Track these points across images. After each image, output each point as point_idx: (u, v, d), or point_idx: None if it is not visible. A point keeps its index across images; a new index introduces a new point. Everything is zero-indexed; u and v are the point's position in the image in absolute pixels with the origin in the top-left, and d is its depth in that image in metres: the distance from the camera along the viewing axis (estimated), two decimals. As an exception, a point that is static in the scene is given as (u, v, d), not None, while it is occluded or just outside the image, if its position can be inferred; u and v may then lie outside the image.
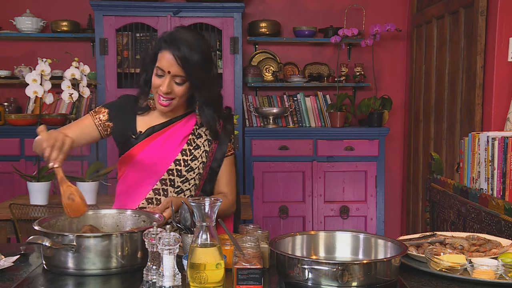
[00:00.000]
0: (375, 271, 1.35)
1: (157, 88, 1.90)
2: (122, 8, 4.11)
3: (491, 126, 3.03)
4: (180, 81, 1.88)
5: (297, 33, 4.44)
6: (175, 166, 1.98)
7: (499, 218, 2.00)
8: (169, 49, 1.86)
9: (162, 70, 1.87)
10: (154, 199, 1.98)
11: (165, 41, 1.88)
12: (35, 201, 2.95)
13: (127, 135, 1.99)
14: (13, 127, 4.15)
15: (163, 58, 1.87)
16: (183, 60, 1.85)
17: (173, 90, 1.89)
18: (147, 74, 1.96)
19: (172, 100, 1.91)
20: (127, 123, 2.00)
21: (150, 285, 1.39)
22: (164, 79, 1.88)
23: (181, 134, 2.01)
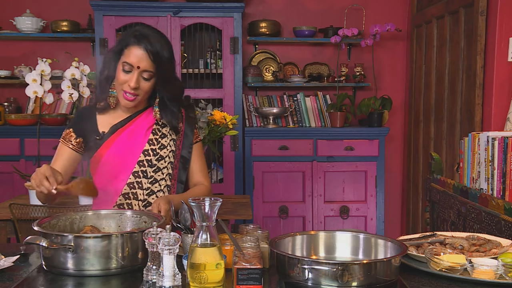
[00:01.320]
0: (375, 271, 1.35)
1: (123, 84, 1.91)
2: (122, 8, 4.11)
3: (491, 126, 3.03)
4: (148, 76, 1.91)
5: (297, 33, 4.44)
6: (144, 157, 1.99)
7: (499, 218, 1.99)
8: (140, 45, 1.89)
9: (131, 65, 1.89)
10: (130, 193, 1.99)
11: (135, 36, 1.90)
12: (35, 201, 2.95)
13: (90, 139, 2.01)
14: (13, 127, 4.16)
15: (132, 54, 1.89)
16: (155, 55, 1.89)
17: (140, 86, 1.91)
18: (109, 71, 1.96)
19: (137, 96, 1.93)
20: (89, 128, 2.02)
21: (150, 285, 1.39)
22: (132, 74, 1.90)
23: (145, 126, 2.02)
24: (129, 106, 1.97)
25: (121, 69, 1.91)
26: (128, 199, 1.98)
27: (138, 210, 1.91)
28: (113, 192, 1.99)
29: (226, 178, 4.25)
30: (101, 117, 2.03)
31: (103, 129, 2.01)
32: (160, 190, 2.02)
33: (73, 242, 1.48)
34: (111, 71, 1.95)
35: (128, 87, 1.91)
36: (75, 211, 1.93)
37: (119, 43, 1.95)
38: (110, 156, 1.98)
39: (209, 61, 4.39)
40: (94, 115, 2.03)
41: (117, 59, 1.93)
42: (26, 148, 4.11)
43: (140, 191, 1.99)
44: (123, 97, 1.94)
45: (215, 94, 4.25)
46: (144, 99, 1.98)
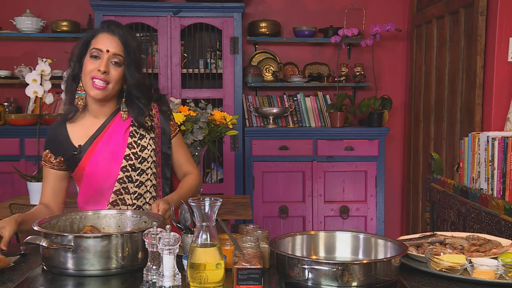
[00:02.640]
0: (375, 271, 1.35)
1: (92, 71, 1.86)
2: (122, 8, 4.11)
3: (491, 126, 3.03)
4: (118, 60, 1.87)
5: (297, 33, 4.44)
6: (126, 162, 1.95)
7: (499, 218, 1.99)
8: (108, 31, 1.89)
9: (99, 50, 1.86)
10: (118, 200, 1.96)
11: (103, 26, 1.91)
12: (35, 201, 2.95)
13: (69, 154, 1.96)
14: (13, 127, 4.16)
15: (101, 40, 1.87)
16: (124, 40, 1.88)
17: (110, 72, 1.87)
18: (74, 69, 1.92)
19: (107, 84, 1.87)
20: (64, 145, 1.97)
21: (150, 285, 1.39)
22: (101, 60, 1.86)
23: (121, 130, 1.97)
24: (98, 97, 1.88)
25: (89, 58, 1.87)
26: (116, 206, 1.96)
27: (138, 210, 1.91)
28: (101, 201, 1.96)
29: (226, 178, 4.25)
30: (73, 129, 1.98)
31: (79, 142, 1.96)
32: (147, 191, 1.99)
33: (73, 242, 1.48)
34: (76, 69, 1.91)
35: (97, 72, 1.85)
36: (75, 211, 1.93)
37: (84, 38, 1.92)
38: (92, 168, 1.94)
39: (209, 61, 4.39)
40: (65, 130, 1.97)
41: (83, 54, 1.89)
42: (26, 148, 4.11)
43: (127, 196, 1.96)
44: (92, 87, 1.86)
45: (215, 94, 4.25)
46: (113, 91, 1.91)
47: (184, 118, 2.83)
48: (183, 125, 2.83)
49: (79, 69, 1.91)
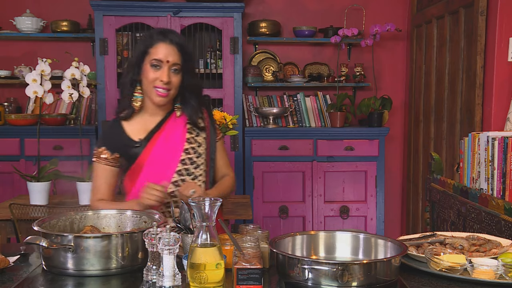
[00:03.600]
0: (375, 271, 1.36)
1: (155, 81, 1.96)
2: (122, 8, 4.11)
3: (491, 126, 3.03)
4: (177, 68, 1.98)
5: (297, 33, 4.44)
6: (186, 155, 2.06)
7: (499, 218, 1.99)
8: (166, 40, 1.97)
9: (160, 61, 1.95)
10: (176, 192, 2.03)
11: (159, 34, 1.99)
12: (35, 201, 2.95)
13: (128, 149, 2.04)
14: (13, 127, 4.16)
15: (160, 50, 1.96)
16: (181, 48, 1.98)
17: (171, 81, 1.97)
18: (134, 74, 2.01)
19: (169, 91, 1.98)
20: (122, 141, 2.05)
21: (150, 285, 1.39)
22: (162, 70, 1.96)
23: (180, 126, 2.08)
24: (162, 103, 2.00)
25: (150, 68, 1.97)
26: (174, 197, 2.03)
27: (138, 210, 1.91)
28: None
29: (226, 178, 4.25)
30: (129, 126, 2.06)
31: (139, 137, 2.04)
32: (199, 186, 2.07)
33: (73, 242, 1.48)
34: (135, 74, 2.01)
35: (160, 83, 1.95)
36: (75, 211, 1.93)
37: (142, 45, 2.00)
38: (153, 160, 2.03)
39: (209, 61, 4.39)
40: (121, 128, 2.06)
41: (142, 61, 1.99)
42: (26, 148, 4.11)
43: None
44: (156, 95, 1.98)
45: (215, 94, 4.24)
46: (174, 95, 2.02)
47: (184, 118, 2.82)
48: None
49: (138, 74, 2.01)
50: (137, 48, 2.03)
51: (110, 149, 2.04)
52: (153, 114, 2.06)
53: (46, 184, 2.99)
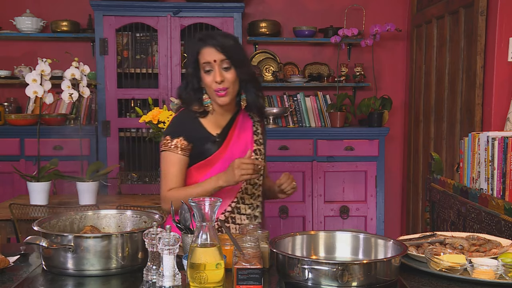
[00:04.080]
0: (375, 271, 1.35)
1: (212, 83, 2.00)
2: (122, 8, 4.11)
3: (491, 126, 3.03)
4: (226, 65, 2.00)
5: (297, 33, 4.44)
6: (255, 155, 2.13)
7: (499, 218, 1.99)
8: (207, 44, 2.01)
9: (209, 63, 1.99)
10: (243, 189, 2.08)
11: (200, 40, 2.03)
12: (35, 201, 2.95)
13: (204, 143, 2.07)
14: (13, 127, 4.16)
15: (205, 54, 2.00)
16: (221, 46, 2.00)
17: (225, 78, 1.99)
18: (194, 84, 2.06)
19: (227, 89, 2.01)
20: (199, 133, 2.07)
21: (150, 285, 1.39)
22: (213, 71, 2.00)
23: (248, 127, 2.15)
24: (225, 103, 2.03)
25: (204, 72, 2.01)
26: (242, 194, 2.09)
27: (138, 210, 1.92)
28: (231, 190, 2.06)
29: (226, 178, 4.25)
30: (205, 121, 2.09)
31: (216, 131, 2.08)
32: (260, 185, 2.15)
33: (73, 242, 1.48)
34: (196, 84, 2.05)
35: (216, 84, 1.99)
36: (75, 211, 1.93)
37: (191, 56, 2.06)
38: (228, 157, 2.06)
39: (209, 61, 4.38)
40: (198, 121, 2.08)
41: (197, 69, 2.04)
42: (26, 148, 4.11)
43: (249, 187, 2.11)
44: (217, 97, 2.01)
45: (215, 94, 4.24)
46: (234, 92, 2.04)
47: (184, 118, 2.82)
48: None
49: (198, 83, 2.05)
50: (189, 59, 2.09)
51: (188, 139, 2.05)
52: (223, 113, 2.10)
53: (46, 184, 2.99)
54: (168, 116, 2.88)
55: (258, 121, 2.20)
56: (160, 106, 3.97)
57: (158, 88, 4.21)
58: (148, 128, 3.75)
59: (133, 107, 4.31)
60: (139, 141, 4.31)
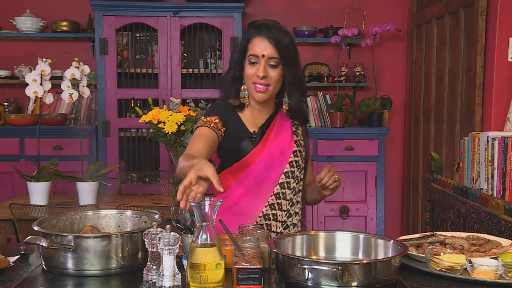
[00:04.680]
0: (375, 271, 1.35)
1: (253, 76, 1.91)
2: (122, 8, 4.11)
3: (491, 126, 3.03)
4: (274, 63, 1.90)
5: (297, 33, 4.44)
6: (294, 157, 2.00)
7: (499, 218, 1.99)
8: (261, 34, 1.91)
9: (256, 56, 1.90)
10: (281, 193, 1.96)
11: (256, 28, 1.94)
12: (35, 201, 2.95)
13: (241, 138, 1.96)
14: (13, 127, 4.16)
15: (256, 45, 1.91)
16: (276, 41, 1.90)
17: (268, 75, 1.90)
18: (235, 71, 1.96)
19: (268, 86, 1.91)
20: (237, 125, 1.97)
21: (150, 285, 1.39)
22: (258, 65, 1.90)
23: (287, 127, 2.03)
24: (261, 99, 1.94)
25: (248, 63, 1.92)
26: (279, 199, 1.96)
27: (138, 210, 1.91)
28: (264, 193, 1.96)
29: (226, 178, 4.25)
30: (242, 115, 1.99)
31: (252, 129, 1.98)
32: (299, 190, 2.03)
33: (73, 242, 1.48)
34: (237, 72, 1.96)
35: (257, 78, 1.90)
36: (75, 211, 1.93)
37: (241, 43, 1.96)
38: (263, 158, 1.95)
39: (209, 61, 4.39)
40: (236, 112, 1.99)
41: (243, 57, 1.94)
42: (26, 148, 4.11)
43: (288, 191, 1.98)
44: (254, 90, 1.92)
45: (215, 94, 4.24)
46: (275, 92, 1.95)
47: (184, 118, 2.83)
48: (183, 125, 2.83)
49: (240, 72, 1.96)
50: (238, 46, 1.98)
51: (223, 121, 1.93)
52: (260, 110, 2.00)
53: (46, 184, 2.99)
54: (168, 116, 2.87)
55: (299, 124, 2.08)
56: (160, 106, 3.97)
57: (158, 88, 4.21)
58: (148, 128, 3.75)
59: (133, 107, 4.31)
60: (139, 141, 4.31)
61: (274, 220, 1.95)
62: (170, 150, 2.97)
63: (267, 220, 1.95)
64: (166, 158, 4.11)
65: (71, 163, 3.91)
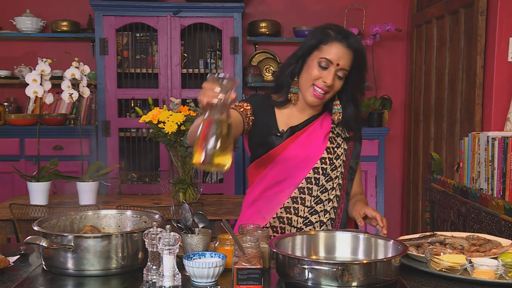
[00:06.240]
0: (375, 271, 1.35)
1: (316, 80, 1.84)
2: (122, 8, 4.11)
3: (491, 126, 3.03)
4: (342, 75, 1.85)
5: (297, 33, 4.44)
6: (320, 164, 1.93)
7: (499, 218, 2.00)
8: (342, 41, 1.83)
9: (330, 61, 1.82)
10: (299, 198, 1.91)
11: (339, 33, 1.85)
12: (35, 201, 2.95)
13: (268, 133, 1.92)
14: (13, 127, 4.16)
15: (333, 50, 1.82)
16: (356, 53, 1.84)
17: (333, 84, 1.85)
18: (295, 67, 1.89)
19: (327, 93, 1.86)
20: (267, 120, 1.93)
21: (150, 285, 1.39)
22: (328, 71, 1.83)
23: (322, 133, 1.96)
24: (314, 104, 1.89)
25: (317, 65, 1.84)
26: (296, 203, 1.91)
27: (138, 210, 1.91)
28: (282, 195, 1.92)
29: (226, 178, 4.25)
30: (278, 113, 1.94)
31: (282, 127, 1.92)
32: (328, 199, 1.94)
33: (73, 242, 1.48)
34: (298, 67, 1.89)
35: (321, 83, 1.83)
36: (75, 211, 1.93)
37: (314, 39, 1.86)
38: (286, 159, 1.91)
39: (209, 61, 4.39)
40: (272, 107, 1.94)
41: (308, 55, 1.86)
42: (26, 148, 4.11)
43: (308, 197, 1.92)
44: (311, 93, 1.85)
45: (215, 94, 4.24)
46: (328, 99, 1.90)
47: (184, 118, 2.83)
48: (183, 125, 2.83)
49: (301, 67, 1.89)
50: (308, 40, 1.88)
51: (254, 110, 1.89)
52: (301, 110, 1.94)
53: (46, 184, 2.99)
54: (168, 116, 2.87)
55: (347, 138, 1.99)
56: (160, 106, 3.97)
57: (158, 88, 4.21)
58: (148, 128, 3.75)
59: (133, 107, 4.32)
60: (139, 141, 4.31)
61: (289, 224, 1.91)
62: (170, 150, 2.97)
63: (281, 223, 1.91)
64: (166, 158, 4.11)
65: (71, 163, 3.91)
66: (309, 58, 1.86)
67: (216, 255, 1.46)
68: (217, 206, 3.07)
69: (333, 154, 1.96)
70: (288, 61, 1.93)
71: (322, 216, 1.93)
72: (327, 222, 1.93)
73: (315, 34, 1.88)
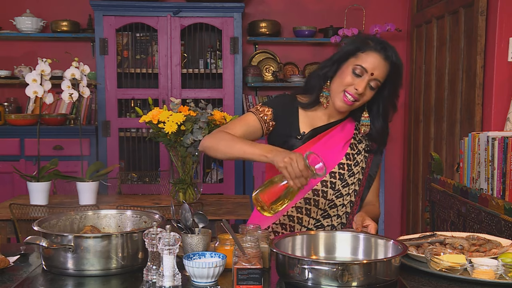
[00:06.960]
0: (375, 271, 1.35)
1: (348, 86, 1.83)
2: (122, 8, 4.12)
3: (491, 126, 3.03)
4: (375, 85, 1.84)
5: (297, 33, 4.44)
6: (338, 169, 1.92)
7: (499, 218, 2.00)
8: (381, 52, 1.84)
9: (365, 69, 1.81)
10: (312, 200, 1.90)
11: (378, 43, 1.85)
12: (35, 201, 2.95)
13: (289, 135, 1.92)
14: (13, 127, 4.16)
15: (370, 59, 1.82)
16: (392, 66, 1.85)
17: (365, 93, 1.84)
18: (330, 71, 1.89)
19: (356, 102, 1.85)
20: (290, 123, 1.92)
21: (150, 285, 1.39)
22: (361, 79, 1.82)
23: (343, 138, 1.95)
24: (342, 110, 1.87)
25: (351, 71, 1.83)
26: (308, 205, 1.90)
27: (138, 210, 1.91)
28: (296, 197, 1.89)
29: (226, 178, 4.25)
30: (302, 115, 1.93)
31: (303, 129, 1.92)
32: (342, 205, 1.93)
33: (73, 242, 1.48)
34: (331, 71, 1.88)
35: (353, 90, 1.82)
36: (75, 211, 1.93)
37: (353, 45, 1.87)
38: None
39: (209, 61, 4.39)
40: (296, 109, 1.93)
41: (344, 60, 1.86)
42: (26, 148, 4.11)
43: (322, 200, 1.91)
44: (341, 99, 1.84)
45: (215, 94, 4.25)
46: (356, 107, 1.89)
47: (184, 118, 2.83)
48: (183, 125, 2.83)
49: (335, 72, 1.88)
50: (346, 46, 1.88)
51: (275, 115, 1.89)
52: (327, 114, 1.93)
53: (46, 184, 2.99)
54: (168, 116, 2.87)
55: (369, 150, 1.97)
56: (160, 106, 3.97)
57: (158, 88, 4.21)
58: (148, 128, 3.75)
59: (133, 107, 4.32)
60: (139, 141, 4.31)
61: (299, 223, 1.90)
62: (170, 150, 2.97)
63: (291, 221, 1.91)
64: (166, 158, 4.11)
65: (71, 163, 3.91)
66: (344, 64, 1.86)
67: (216, 255, 1.46)
68: (217, 206, 3.07)
69: (352, 160, 1.95)
70: (322, 64, 1.93)
71: (334, 221, 1.93)
72: (337, 226, 1.93)
73: (355, 41, 1.88)
